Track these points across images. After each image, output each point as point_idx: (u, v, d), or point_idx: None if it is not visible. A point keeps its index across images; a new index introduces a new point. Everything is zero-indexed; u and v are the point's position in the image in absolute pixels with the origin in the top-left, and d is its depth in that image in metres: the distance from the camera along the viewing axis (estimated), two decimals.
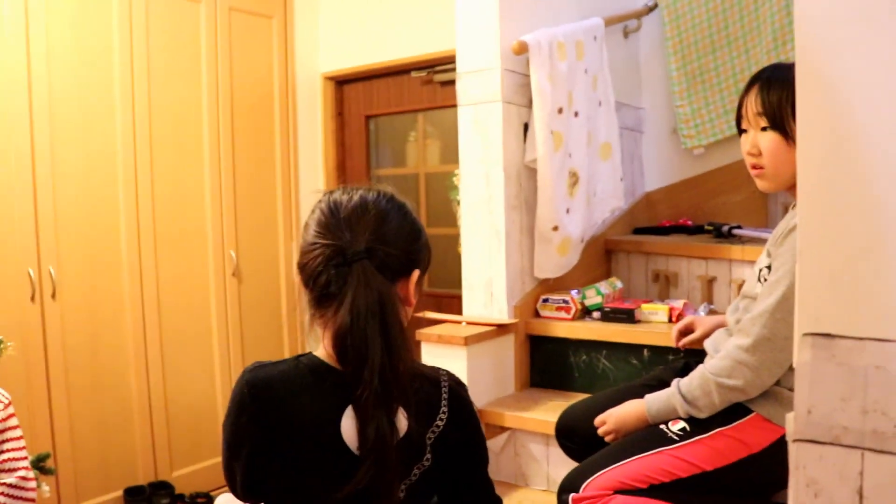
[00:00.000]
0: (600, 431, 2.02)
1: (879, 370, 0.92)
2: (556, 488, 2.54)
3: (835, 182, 0.95)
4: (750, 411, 1.82)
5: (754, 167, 1.89)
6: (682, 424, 1.86)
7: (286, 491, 1.26)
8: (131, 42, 3.30)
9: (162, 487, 3.40)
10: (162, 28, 3.42)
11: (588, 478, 1.81)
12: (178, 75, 3.50)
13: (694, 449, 1.80)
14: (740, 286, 2.25)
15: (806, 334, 0.98)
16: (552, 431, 2.48)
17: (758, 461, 1.78)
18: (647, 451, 1.82)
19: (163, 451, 3.46)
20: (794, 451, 0.98)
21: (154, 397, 3.40)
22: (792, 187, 1.88)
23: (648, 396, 1.95)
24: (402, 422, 1.24)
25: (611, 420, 2.00)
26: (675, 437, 1.83)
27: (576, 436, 2.11)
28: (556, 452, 2.57)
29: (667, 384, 2.01)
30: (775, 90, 1.82)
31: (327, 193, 1.32)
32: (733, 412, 1.83)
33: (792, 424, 0.99)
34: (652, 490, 1.77)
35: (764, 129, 1.83)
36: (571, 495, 1.81)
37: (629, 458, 1.82)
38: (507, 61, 2.77)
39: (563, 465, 2.55)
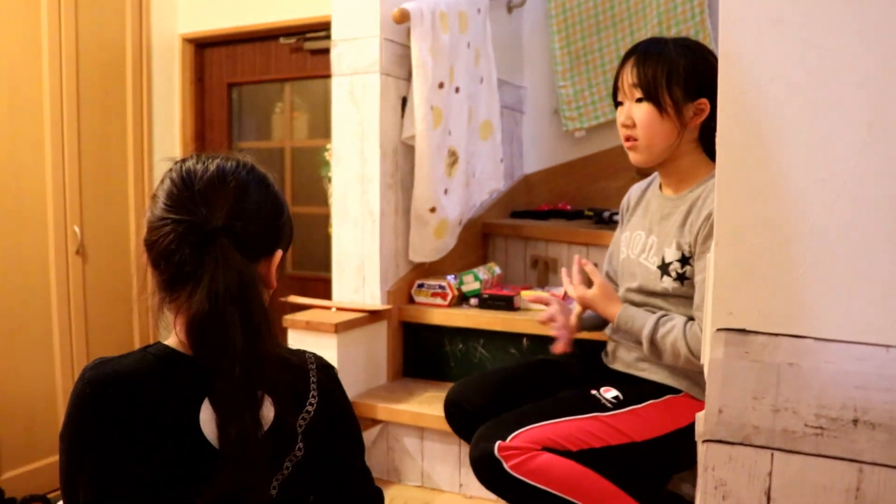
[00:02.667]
0: (570, 283, 2.03)
1: (792, 367, 0.93)
2: (430, 484, 2.48)
3: (750, 178, 0.95)
4: (679, 391, 1.89)
5: (628, 139, 1.92)
6: (615, 392, 1.88)
7: (142, 501, 1.09)
8: None
9: None
10: None
11: (516, 429, 1.78)
12: (13, 36, 3.13)
13: (626, 418, 1.83)
14: None
15: (719, 329, 0.98)
16: (427, 424, 2.46)
17: (684, 436, 1.79)
18: (581, 413, 1.82)
19: None
20: (702, 451, 0.98)
21: None
22: (663, 163, 1.94)
23: (628, 309, 1.93)
24: (269, 410, 1.14)
25: (597, 284, 1.98)
26: (609, 405, 1.85)
27: (468, 408, 2.04)
28: (431, 447, 2.48)
29: (561, 367, 2.14)
30: (650, 63, 1.86)
31: (179, 162, 1.19)
32: (665, 389, 1.89)
33: (702, 425, 0.98)
34: (581, 454, 1.76)
35: (639, 100, 1.87)
36: (498, 442, 1.75)
37: (561, 417, 1.81)
38: (386, 30, 2.60)
39: (437, 460, 2.47)
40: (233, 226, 1.12)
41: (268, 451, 1.12)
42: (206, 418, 1.11)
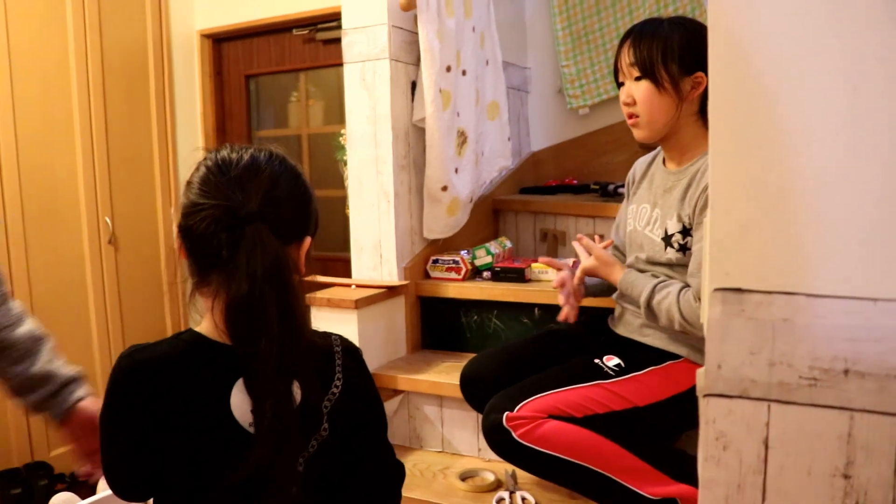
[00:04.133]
0: (580, 241, 2.11)
1: (786, 323, 0.94)
2: (450, 449, 2.60)
3: (745, 134, 0.96)
4: (679, 356, 1.95)
5: (630, 116, 1.98)
6: (616, 361, 1.96)
7: (179, 481, 1.17)
8: None
9: (39, 468, 3.21)
10: None
11: (523, 400, 1.86)
12: (43, 35, 3.28)
13: (628, 385, 1.90)
14: None
15: (716, 289, 0.99)
16: (445, 393, 2.51)
17: (685, 399, 1.86)
18: (584, 382, 1.90)
19: (38, 431, 3.28)
20: (704, 405, 1.00)
21: None
22: (665, 138, 1.99)
23: (630, 274, 2.00)
24: (296, 392, 1.18)
25: (595, 255, 2.07)
26: (611, 373, 1.93)
27: (481, 383, 2.12)
28: (450, 413, 2.58)
29: (570, 336, 2.19)
30: (646, 41, 1.92)
31: (213, 151, 1.22)
32: (665, 355, 1.96)
33: (703, 380, 1.00)
34: (586, 420, 1.84)
35: (637, 78, 1.94)
36: (506, 413, 1.84)
37: (566, 386, 1.89)
38: (394, 17, 2.70)
39: (456, 426, 2.57)
40: (267, 211, 1.14)
41: (297, 430, 1.16)
42: (238, 402, 1.15)
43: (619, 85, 2.02)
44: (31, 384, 1.53)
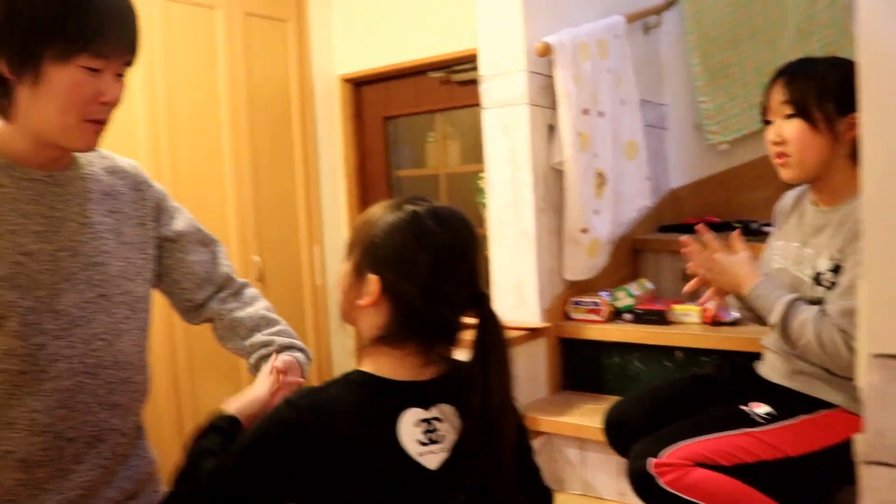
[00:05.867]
0: (691, 262, 2.08)
1: None
2: (591, 493, 2.59)
3: None
4: (834, 405, 1.85)
5: (779, 156, 1.92)
6: (766, 408, 1.88)
7: None
8: (151, 50, 3.28)
9: None
10: (178, 35, 3.39)
11: (669, 446, 1.82)
12: (196, 82, 3.48)
13: (779, 434, 1.82)
14: None
15: (874, 355, 0.96)
16: (587, 435, 2.52)
17: (842, 451, 1.73)
18: (732, 429, 1.84)
19: None
20: (865, 472, 0.97)
21: (184, 408, 3.39)
22: (816, 179, 1.92)
23: (763, 282, 1.91)
24: (456, 422, 1.25)
25: (718, 261, 2.00)
26: (760, 420, 1.85)
27: (625, 427, 2.10)
28: (592, 456, 2.58)
29: (714, 381, 2.13)
30: (800, 80, 1.88)
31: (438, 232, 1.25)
32: (818, 403, 1.86)
33: (862, 446, 0.98)
34: (734, 469, 1.78)
35: (789, 116, 1.88)
36: (652, 459, 1.80)
37: (713, 433, 1.83)
38: (531, 63, 2.75)
39: (598, 470, 2.57)
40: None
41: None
42: (406, 432, 1.20)
43: (766, 123, 1.97)
44: (252, 349, 1.64)
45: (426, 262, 1.20)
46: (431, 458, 1.21)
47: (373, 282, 1.22)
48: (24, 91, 1.28)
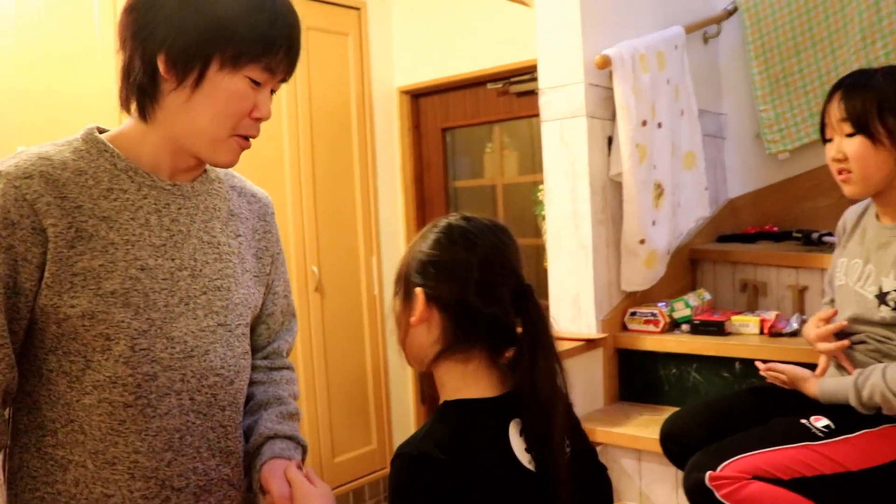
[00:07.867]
0: (768, 371, 2.11)
1: None
2: (647, 503, 2.58)
3: None
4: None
5: (840, 172, 1.91)
6: (826, 422, 1.84)
7: None
8: None
9: None
10: None
11: (726, 459, 1.80)
12: None
13: (840, 447, 1.80)
14: None
15: None
16: (644, 446, 2.52)
17: None
18: (790, 443, 1.81)
19: None
20: None
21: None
22: (879, 194, 1.91)
23: (824, 382, 1.93)
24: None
25: (788, 372, 2.05)
26: (820, 434, 1.82)
27: (682, 440, 2.09)
28: (648, 468, 2.58)
29: (773, 393, 2.11)
30: (858, 95, 1.85)
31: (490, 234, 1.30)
32: (880, 416, 1.82)
33: None
34: (793, 483, 1.76)
35: (850, 135, 1.86)
36: (709, 472, 1.79)
37: (771, 447, 1.81)
38: (590, 75, 2.77)
39: (655, 481, 2.57)
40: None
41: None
42: (517, 446, 1.22)
43: (826, 140, 1.95)
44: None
45: (469, 260, 1.23)
46: (532, 463, 1.24)
47: (418, 294, 1.24)
48: (177, 93, 1.18)
